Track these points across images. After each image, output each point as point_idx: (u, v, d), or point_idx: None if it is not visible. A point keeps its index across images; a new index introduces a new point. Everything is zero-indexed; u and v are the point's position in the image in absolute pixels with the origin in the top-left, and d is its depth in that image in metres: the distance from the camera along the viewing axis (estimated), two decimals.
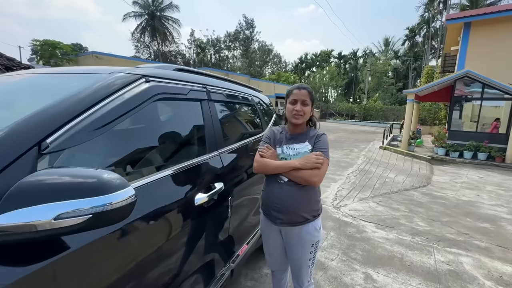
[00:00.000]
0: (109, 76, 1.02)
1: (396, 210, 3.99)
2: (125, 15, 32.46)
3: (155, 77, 1.17)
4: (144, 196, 0.95)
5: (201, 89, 1.47)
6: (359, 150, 9.83)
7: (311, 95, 1.40)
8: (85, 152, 0.92)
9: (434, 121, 19.59)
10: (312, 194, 1.38)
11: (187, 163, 1.22)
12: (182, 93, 1.30)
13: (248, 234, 1.89)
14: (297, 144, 1.40)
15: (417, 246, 2.86)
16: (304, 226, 1.36)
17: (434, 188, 5.52)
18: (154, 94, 1.11)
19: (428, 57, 33.74)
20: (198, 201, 1.19)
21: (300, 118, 1.37)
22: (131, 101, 1.00)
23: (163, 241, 1.01)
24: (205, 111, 1.45)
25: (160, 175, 1.06)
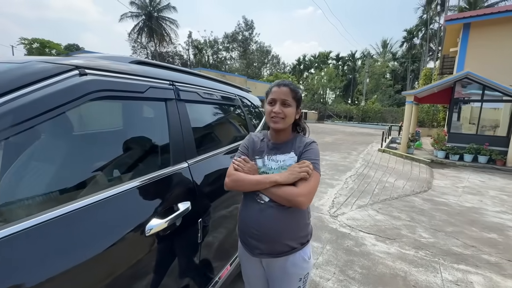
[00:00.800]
0: (22, 65, 0.75)
1: (397, 218, 3.73)
2: (122, 15, 32.22)
3: (97, 70, 0.91)
4: (67, 232, 0.69)
5: (167, 86, 1.21)
6: (358, 153, 9.59)
7: (295, 93, 1.13)
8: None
9: (433, 123, 19.43)
10: (300, 217, 1.11)
11: (136, 181, 0.95)
12: (137, 90, 1.03)
13: (230, 255, 1.61)
14: (281, 155, 1.13)
15: (422, 261, 2.60)
16: (290, 256, 1.09)
17: (435, 193, 5.28)
18: (91, 91, 0.85)
19: (426, 59, 33.72)
20: (152, 229, 0.92)
21: (280, 122, 1.10)
22: (51, 99, 0.74)
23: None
24: (171, 113, 1.19)
25: (94, 198, 0.80)
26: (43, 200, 0.74)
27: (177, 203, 1.07)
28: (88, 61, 0.91)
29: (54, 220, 0.69)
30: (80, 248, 0.73)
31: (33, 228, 0.65)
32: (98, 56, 1.05)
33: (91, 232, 0.77)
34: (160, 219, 0.96)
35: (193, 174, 1.22)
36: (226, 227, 1.51)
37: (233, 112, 1.96)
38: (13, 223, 0.63)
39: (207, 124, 1.65)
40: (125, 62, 1.10)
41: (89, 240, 0.76)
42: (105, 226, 0.81)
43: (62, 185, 0.81)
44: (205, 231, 1.25)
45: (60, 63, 0.82)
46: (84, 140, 0.95)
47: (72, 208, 0.73)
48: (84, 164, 0.90)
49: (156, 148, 1.17)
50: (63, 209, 0.72)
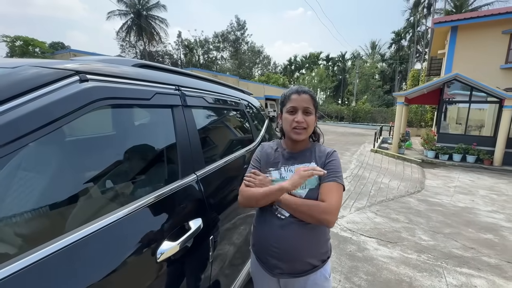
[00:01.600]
0: (12, 71, 0.64)
1: (395, 221, 3.73)
2: (109, 13, 31.35)
3: (100, 75, 0.80)
4: (70, 263, 0.58)
5: (173, 91, 1.11)
6: (351, 153, 9.66)
7: (315, 100, 1.06)
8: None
9: (421, 123, 19.90)
10: (321, 232, 1.04)
11: (145, 199, 0.85)
12: (142, 97, 0.93)
13: (240, 268, 1.52)
14: (300, 165, 1.06)
15: (425, 266, 2.59)
16: (311, 275, 1.02)
17: (429, 194, 5.35)
18: (94, 99, 0.74)
19: (414, 61, 34.57)
20: (163, 254, 0.82)
21: (303, 133, 1.04)
22: (48, 111, 0.63)
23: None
24: (178, 121, 1.09)
25: (99, 223, 0.69)
26: (37, 231, 0.63)
27: (188, 221, 0.97)
28: (89, 66, 0.80)
29: (52, 255, 0.58)
30: (100, 266, 0.63)
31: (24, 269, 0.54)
32: (98, 59, 0.94)
33: (96, 266, 0.66)
34: (171, 241, 0.86)
35: (202, 187, 1.12)
36: (236, 238, 1.42)
37: (238, 116, 1.87)
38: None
39: (213, 131, 1.55)
40: (127, 65, 1.00)
41: (92, 276, 0.65)
42: (110, 256, 0.70)
43: (59, 211, 0.70)
44: (215, 248, 1.15)
45: (57, 67, 0.71)
46: (82, 157, 0.83)
47: (72, 239, 0.63)
48: (84, 184, 0.79)
49: (163, 161, 1.06)
50: (62, 242, 0.61)
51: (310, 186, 1.02)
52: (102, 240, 0.69)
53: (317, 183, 1.02)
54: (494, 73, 10.04)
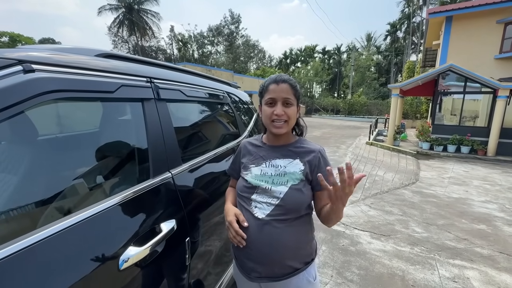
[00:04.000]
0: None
1: (389, 213, 3.72)
2: (100, 8, 30.65)
3: (49, 65, 0.72)
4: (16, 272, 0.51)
5: (144, 84, 1.03)
6: (346, 146, 9.65)
7: (295, 90, 0.97)
8: None
9: (416, 115, 19.97)
10: (303, 233, 0.98)
11: (107, 201, 0.78)
12: (105, 90, 0.85)
13: (224, 269, 1.47)
14: (281, 160, 0.99)
15: (418, 258, 2.57)
16: (293, 278, 0.95)
17: (423, 185, 5.35)
18: (41, 92, 0.66)
19: (409, 52, 34.49)
20: (127, 261, 0.75)
21: (284, 126, 0.96)
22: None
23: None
24: (149, 115, 1.01)
25: (50, 230, 0.62)
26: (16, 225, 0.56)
27: (159, 223, 0.90)
28: (36, 54, 0.72)
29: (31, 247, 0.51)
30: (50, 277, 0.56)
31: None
32: (56, 48, 0.85)
33: (43, 274, 0.59)
34: (138, 246, 0.79)
35: (177, 186, 1.05)
36: (218, 239, 1.35)
37: (221, 110, 1.79)
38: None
39: (193, 126, 1.47)
40: (90, 55, 0.91)
41: (43, 284, 0.58)
42: (61, 263, 0.63)
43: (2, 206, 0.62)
44: (193, 250, 1.09)
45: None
46: (35, 148, 0.76)
47: (23, 244, 0.56)
48: (34, 179, 0.71)
49: (131, 158, 0.99)
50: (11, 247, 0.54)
51: (292, 182, 0.95)
52: (57, 245, 0.62)
53: (300, 179, 0.95)
54: (489, 63, 10.02)
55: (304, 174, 0.95)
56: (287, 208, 0.92)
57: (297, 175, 0.95)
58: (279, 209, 0.92)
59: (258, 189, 0.97)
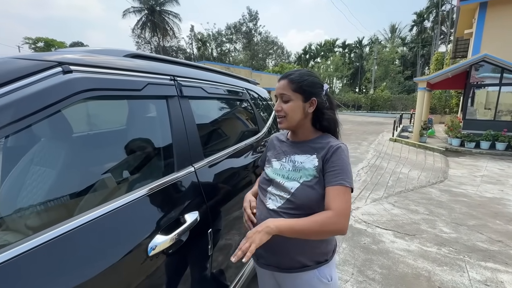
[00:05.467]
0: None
1: (414, 212, 3.56)
2: (124, 11, 32.03)
3: (84, 66, 0.78)
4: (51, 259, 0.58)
5: (168, 82, 1.08)
6: (368, 143, 9.33)
7: (295, 84, 0.94)
8: None
9: (445, 109, 18.80)
10: None
11: (135, 192, 0.83)
12: (133, 88, 0.90)
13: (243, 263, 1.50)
14: (300, 156, 0.98)
15: (446, 259, 2.45)
16: (303, 274, 0.95)
17: (453, 184, 5.06)
18: (78, 91, 0.72)
19: (438, 43, 32.42)
20: (155, 248, 0.80)
21: (283, 122, 0.97)
22: (27, 103, 0.62)
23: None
24: (173, 112, 1.05)
25: (84, 218, 0.68)
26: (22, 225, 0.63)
27: (184, 214, 0.95)
28: (73, 56, 0.78)
29: (35, 249, 0.57)
30: (67, 277, 0.61)
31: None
32: (88, 50, 0.92)
33: (80, 258, 0.65)
34: (164, 235, 0.84)
35: (200, 180, 1.09)
36: (238, 233, 1.39)
37: (241, 107, 1.82)
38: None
39: (214, 122, 1.51)
40: (119, 55, 0.97)
41: (77, 269, 0.64)
42: (97, 248, 0.69)
43: (43, 197, 0.69)
44: (215, 241, 1.13)
45: (39, 59, 0.70)
46: (71, 145, 0.83)
47: (55, 233, 0.62)
48: (70, 173, 0.78)
49: (157, 153, 1.04)
50: (46, 235, 0.60)
51: (305, 179, 0.94)
52: (91, 232, 0.68)
53: (313, 175, 0.93)
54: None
55: (317, 170, 0.93)
56: (298, 203, 0.92)
57: (311, 171, 0.94)
58: (290, 203, 0.93)
59: (274, 182, 0.99)
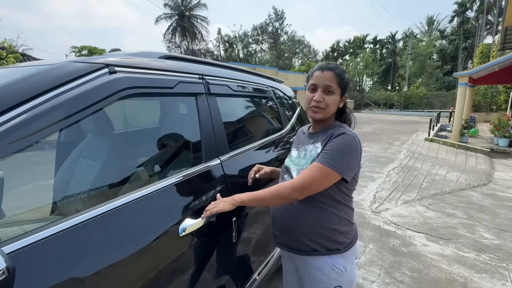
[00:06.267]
0: (54, 67, 0.76)
1: (451, 216, 3.32)
2: (157, 18, 33.90)
3: (126, 67, 0.89)
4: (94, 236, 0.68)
5: (197, 80, 1.17)
6: (401, 143, 8.83)
7: (341, 79, 0.97)
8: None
9: (491, 107, 17.06)
10: (324, 218, 0.97)
11: (167, 179, 0.92)
12: (166, 86, 1.00)
13: (269, 250, 1.56)
14: (311, 145, 1.03)
15: (485, 266, 2.26)
16: (314, 258, 0.99)
17: (498, 187, 4.61)
18: (121, 88, 0.83)
19: (483, 34, 29.46)
20: (185, 230, 0.89)
21: (320, 112, 0.97)
22: (82, 98, 0.73)
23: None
24: (201, 108, 1.14)
25: (124, 200, 0.78)
26: (72, 202, 0.75)
27: (210, 201, 1.03)
28: (117, 59, 0.89)
29: (84, 223, 0.68)
30: (110, 250, 0.71)
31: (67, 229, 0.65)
32: (129, 53, 1.04)
33: (121, 233, 0.75)
34: (193, 219, 0.92)
35: (225, 171, 1.17)
36: (263, 223, 1.45)
37: (265, 104, 1.87)
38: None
39: (239, 118, 1.59)
40: (154, 57, 1.08)
41: (118, 241, 0.74)
42: (137, 226, 0.79)
43: (89, 186, 0.81)
44: (240, 230, 1.20)
45: (90, 62, 0.81)
46: (113, 139, 0.95)
47: (102, 210, 0.72)
48: (112, 164, 0.90)
49: (187, 145, 1.14)
50: (94, 211, 0.71)
51: (306, 165, 0.97)
52: (134, 211, 0.79)
53: (313, 158, 0.97)
54: None
55: (317, 156, 0.95)
56: None
57: (313, 158, 0.97)
58: None
59: (289, 170, 1.07)
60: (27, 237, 0.57)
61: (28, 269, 0.55)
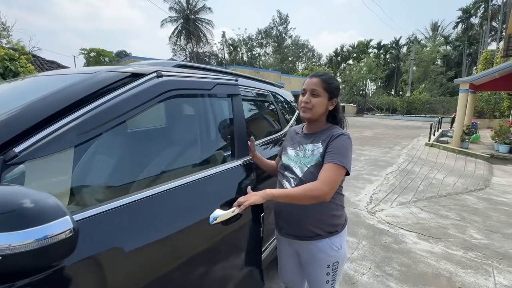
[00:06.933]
0: (118, 73, 0.93)
1: (444, 217, 3.45)
2: (162, 21, 34.39)
3: (170, 71, 1.06)
4: (139, 214, 0.83)
5: (234, 82, 1.33)
6: (401, 147, 8.94)
7: (326, 84, 1.14)
8: (70, 160, 0.83)
9: (494, 113, 17.03)
10: (325, 206, 1.14)
11: (204, 172, 1.08)
12: (205, 88, 1.18)
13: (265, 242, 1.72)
14: (310, 145, 1.18)
15: (471, 263, 2.40)
16: (317, 242, 1.16)
17: (494, 192, 4.71)
18: (167, 89, 0.99)
19: (487, 40, 29.46)
20: (216, 219, 1.02)
21: (308, 112, 1.15)
22: (139, 96, 0.90)
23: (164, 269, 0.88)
24: (236, 108, 1.30)
25: (165, 187, 0.92)
26: (125, 185, 0.93)
27: (240, 195, 1.12)
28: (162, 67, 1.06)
29: (137, 201, 0.83)
30: (151, 230, 0.85)
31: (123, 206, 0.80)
32: (148, 63, 1.22)
33: (164, 214, 0.89)
34: (223, 210, 1.05)
35: (255, 169, 1.33)
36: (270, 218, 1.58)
37: (267, 107, 2.05)
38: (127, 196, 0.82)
39: (248, 119, 1.78)
40: (169, 65, 1.25)
41: (160, 222, 0.87)
42: (177, 210, 0.94)
43: (140, 173, 0.99)
44: (266, 226, 1.34)
45: (142, 69, 0.99)
46: (158, 134, 1.11)
47: (150, 193, 0.87)
48: (155, 156, 1.07)
49: (224, 142, 1.29)
50: (144, 193, 0.86)
51: (312, 163, 1.13)
52: (175, 196, 0.95)
53: (318, 160, 1.11)
54: None
55: (321, 155, 1.11)
56: (306, 183, 1.10)
57: (317, 157, 1.13)
58: (301, 183, 1.12)
59: (289, 167, 1.21)
60: (87, 211, 0.72)
61: (87, 232, 0.69)
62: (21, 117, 0.72)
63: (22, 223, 0.50)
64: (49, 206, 0.54)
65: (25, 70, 7.62)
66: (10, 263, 0.51)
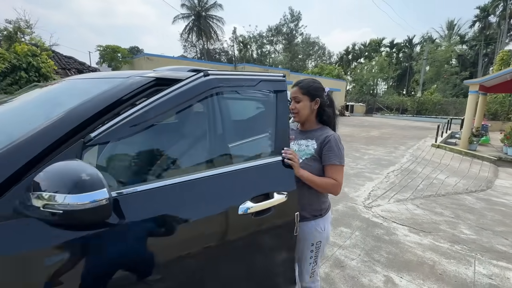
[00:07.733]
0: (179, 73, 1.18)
1: (438, 214, 3.61)
2: (174, 17, 34.92)
3: (215, 71, 1.19)
4: (169, 198, 0.96)
5: (281, 78, 1.36)
6: (406, 147, 8.98)
7: (303, 89, 1.37)
8: (129, 145, 1.02)
9: (508, 115, 16.62)
10: (319, 196, 1.39)
11: (239, 166, 1.16)
12: (249, 85, 1.26)
13: None
14: (304, 141, 1.41)
15: (455, 255, 2.58)
16: (307, 223, 1.38)
17: (495, 193, 4.80)
18: (214, 86, 1.13)
19: (505, 40, 28.57)
20: (246, 211, 1.09)
21: (296, 116, 1.40)
22: (192, 91, 1.08)
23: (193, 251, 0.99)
24: (280, 104, 1.32)
25: (201, 174, 1.04)
26: (176, 169, 1.11)
27: (273, 191, 1.19)
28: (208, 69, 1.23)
29: (184, 182, 0.99)
30: (188, 210, 0.98)
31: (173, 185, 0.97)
32: (169, 68, 1.47)
33: (200, 196, 1.02)
34: (254, 202, 1.11)
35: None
36: None
37: None
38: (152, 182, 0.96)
39: None
40: (184, 70, 1.50)
41: (196, 205, 1.00)
42: (215, 195, 1.07)
43: (189, 159, 1.17)
44: None
45: (192, 69, 1.25)
46: (208, 127, 1.23)
47: (194, 177, 1.02)
48: (204, 146, 1.23)
49: (265, 137, 1.37)
50: (190, 176, 1.02)
51: (306, 156, 1.36)
52: (215, 182, 1.08)
53: (311, 154, 1.35)
54: None
55: (316, 152, 1.35)
56: None
57: (311, 152, 1.36)
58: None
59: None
60: (122, 190, 0.92)
61: (121, 205, 0.88)
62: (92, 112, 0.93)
63: (83, 189, 0.73)
64: (98, 179, 0.76)
65: (46, 65, 8.12)
66: (77, 216, 0.73)
